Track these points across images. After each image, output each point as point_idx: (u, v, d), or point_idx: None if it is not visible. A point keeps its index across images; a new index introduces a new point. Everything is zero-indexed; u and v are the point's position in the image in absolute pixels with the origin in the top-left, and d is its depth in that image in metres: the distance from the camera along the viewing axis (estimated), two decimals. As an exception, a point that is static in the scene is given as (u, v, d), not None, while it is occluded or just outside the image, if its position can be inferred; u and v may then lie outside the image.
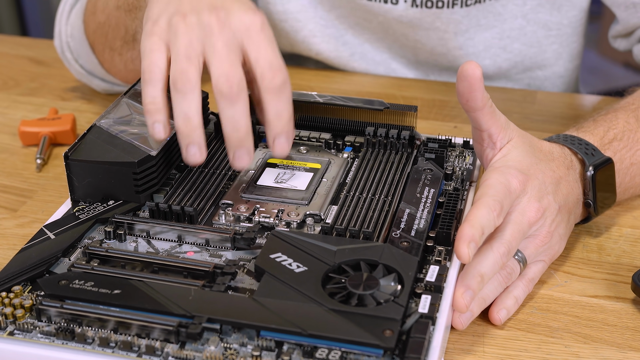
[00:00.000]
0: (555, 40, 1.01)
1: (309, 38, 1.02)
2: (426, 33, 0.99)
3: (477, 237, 0.59)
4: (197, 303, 0.57)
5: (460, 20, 0.97)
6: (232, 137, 0.64)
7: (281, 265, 0.60)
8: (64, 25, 0.94)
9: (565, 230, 0.69)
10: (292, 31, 1.02)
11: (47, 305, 0.58)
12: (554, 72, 1.04)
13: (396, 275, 0.59)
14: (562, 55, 1.03)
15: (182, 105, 0.63)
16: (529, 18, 0.99)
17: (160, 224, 0.66)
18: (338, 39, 1.03)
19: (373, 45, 1.03)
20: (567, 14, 0.99)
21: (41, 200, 0.80)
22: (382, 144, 0.75)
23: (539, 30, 1.00)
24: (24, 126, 0.88)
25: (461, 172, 0.74)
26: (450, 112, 0.94)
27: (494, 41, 1.00)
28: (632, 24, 0.92)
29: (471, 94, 0.63)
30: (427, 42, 1.00)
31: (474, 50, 1.00)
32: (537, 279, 0.67)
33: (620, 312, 0.65)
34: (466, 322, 0.62)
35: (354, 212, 0.67)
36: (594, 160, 0.69)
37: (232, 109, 0.63)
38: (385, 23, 0.99)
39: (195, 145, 0.64)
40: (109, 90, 0.97)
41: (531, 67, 1.03)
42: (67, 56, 0.95)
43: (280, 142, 0.65)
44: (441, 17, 0.97)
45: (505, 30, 0.99)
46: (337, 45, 1.03)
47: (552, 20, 0.99)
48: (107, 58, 0.91)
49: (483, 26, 0.98)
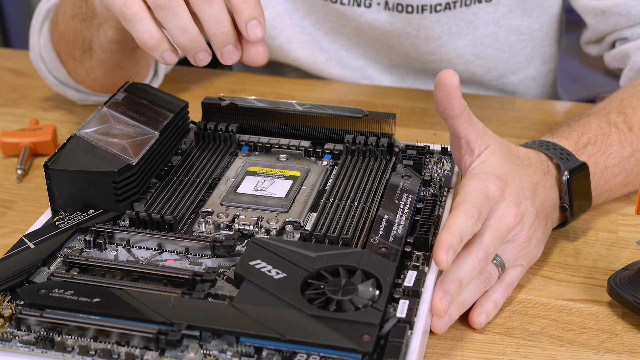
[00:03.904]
0: (527, 44, 1.02)
1: (285, 45, 1.03)
2: (398, 39, 0.99)
3: (455, 244, 0.59)
4: (177, 310, 0.58)
5: (430, 27, 0.98)
6: (217, 34, 0.65)
7: (260, 272, 0.60)
8: (37, 37, 0.94)
9: (543, 234, 0.69)
10: (268, 38, 1.03)
11: (27, 315, 0.58)
12: (526, 75, 1.05)
13: (374, 281, 0.60)
14: (534, 59, 1.04)
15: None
16: (500, 24, 1.00)
17: (141, 233, 0.66)
18: (314, 45, 1.03)
19: (349, 51, 1.04)
20: (537, 18, 1.00)
21: (22, 211, 0.80)
22: (361, 152, 0.76)
23: (510, 35, 1.01)
24: (5, 137, 0.89)
25: (439, 179, 0.74)
26: (430, 120, 0.95)
27: (467, 49, 1.01)
28: (602, 31, 0.93)
29: (449, 102, 0.64)
30: (400, 47, 1.01)
31: (447, 57, 1.01)
32: (515, 283, 0.68)
33: (597, 315, 0.66)
34: (445, 326, 0.63)
35: (333, 219, 0.67)
36: (569, 164, 0.70)
37: (211, 6, 0.64)
38: (359, 28, 1.00)
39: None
40: (84, 100, 0.97)
41: (504, 73, 1.04)
42: (41, 67, 0.95)
43: (253, 25, 0.66)
44: (412, 22, 0.97)
45: (478, 37, 1.00)
46: (313, 52, 1.03)
47: (523, 25, 1.00)
48: (71, 68, 0.91)
49: (455, 34, 0.99)
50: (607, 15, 0.91)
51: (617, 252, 0.73)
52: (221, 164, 0.76)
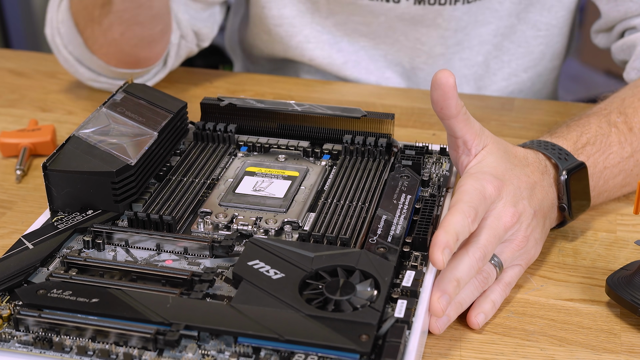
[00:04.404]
0: (542, 41, 1.03)
1: (303, 44, 1.03)
2: (427, 31, 1.00)
3: (451, 243, 0.60)
4: (175, 310, 0.58)
5: (460, 17, 0.99)
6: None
7: (259, 272, 0.61)
8: (55, 13, 0.95)
9: (541, 234, 0.69)
10: (286, 36, 1.03)
11: (25, 315, 0.58)
12: (535, 72, 1.06)
13: (372, 281, 0.60)
14: (546, 56, 1.05)
15: None
16: (520, 17, 1.01)
17: (139, 233, 0.66)
18: (332, 46, 1.03)
19: (368, 52, 1.04)
20: (556, 14, 1.01)
21: (21, 211, 0.80)
22: (360, 152, 0.76)
23: (528, 30, 1.02)
24: (4, 137, 0.89)
25: (438, 179, 0.74)
26: (429, 120, 0.95)
27: (488, 37, 1.02)
28: (612, 18, 0.94)
29: (445, 102, 0.64)
30: (427, 40, 1.01)
31: (469, 44, 1.02)
32: (513, 283, 0.68)
33: (595, 315, 0.66)
34: (443, 326, 0.63)
35: (331, 219, 0.68)
36: (567, 164, 0.70)
37: None
38: (386, 23, 1.00)
39: None
40: (94, 80, 0.97)
41: (517, 71, 1.05)
42: (57, 42, 0.96)
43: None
44: (443, 14, 0.98)
45: (500, 28, 1.01)
46: (330, 52, 1.04)
47: (541, 20, 1.01)
48: (89, 33, 0.92)
49: (480, 22, 1.00)
50: (619, 1, 0.92)
51: (616, 252, 0.73)
52: (220, 164, 0.76)
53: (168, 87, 1.02)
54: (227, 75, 1.10)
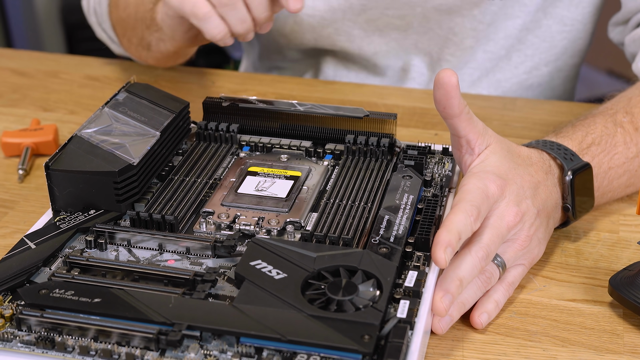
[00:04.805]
0: (567, 36, 1.04)
1: (333, 35, 1.04)
2: (462, 21, 1.00)
3: (453, 242, 0.59)
4: (177, 310, 0.58)
5: (496, 12, 1.00)
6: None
7: (261, 272, 0.60)
8: None
9: (544, 234, 0.69)
10: (318, 26, 1.04)
11: (27, 315, 0.58)
12: (555, 67, 1.06)
13: (375, 281, 0.60)
14: (568, 51, 1.05)
15: None
16: (547, 11, 1.01)
17: (141, 233, 0.66)
18: (363, 39, 1.04)
19: (400, 43, 1.04)
20: (583, 10, 1.02)
21: (23, 211, 0.80)
22: (362, 152, 0.76)
23: (554, 25, 1.02)
24: (6, 137, 0.89)
25: (440, 179, 0.74)
26: (432, 120, 0.95)
27: (514, 31, 1.02)
28: (630, 9, 0.94)
29: (448, 101, 0.64)
30: (459, 31, 1.01)
31: (495, 37, 1.02)
32: (517, 282, 0.68)
33: (598, 316, 0.66)
34: (446, 326, 0.63)
35: (333, 219, 0.67)
36: (572, 165, 0.70)
37: None
38: (421, 14, 1.00)
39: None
40: (124, 54, 1.04)
41: (538, 65, 1.05)
42: (92, 20, 1.02)
43: None
44: (480, 5, 0.99)
45: (526, 22, 1.01)
46: (361, 45, 1.05)
47: (568, 15, 1.02)
48: (124, 43, 0.99)
49: (509, 15, 1.01)
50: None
51: (619, 252, 0.73)
52: (222, 164, 0.76)
53: (170, 86, 1.02)
54: (230, 75, 1.10)
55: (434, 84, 0.63)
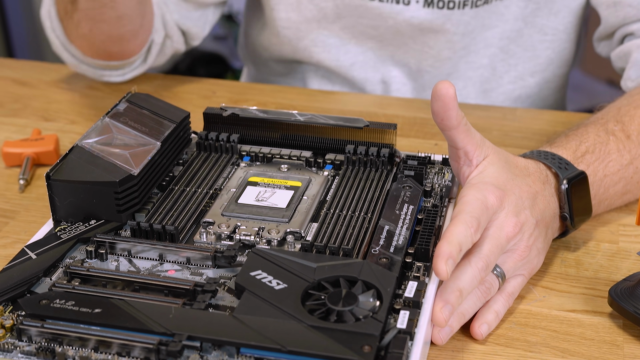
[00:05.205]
0: (549, 45, 1.03)
1: (310, 47, 1.04)
2: (435, 36, 1.00)
3: (454, 254, 0.60)
4: (178, 321, 0.58)
5: (468, 22, 0.99)
6: None
7: (261, 282, 0.61)
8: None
9: (544, 244, 0.69)
10: (294, 39, 1.04)
11: (28, 325, 0.58)
12: (543, 78, 1.06)
13: (375, 291, 0.60)
14: (554, 61, 1.05)
15: None
16: (527, 21, 1.01)
17: (142, 243, 0.66)
18: (340, 49, 1.04)
19: (375, 53, 1.04)
20: (563, 19, 1.02)
21: (24, 221, 0.80)
22: (362, 162, 0.76)
23: (534, 34, 1.02)
24: (7, 147, 0.89)
25: (440, 189, 0.74)
26: (432, 130, 0.95)
27: (494, 40, 1.02)
28: (611, 24, 0.94)
29: (446, 113, 0.64)
30: (434, 44, 1.01)
31: (475, 48, 1.02)
32: (517, 293, 0.68)
33: (598, 326, 0.66)
34: (445, 337, 0.63)
35: (334, 230, 0.68)
36: (567, 173, 0.70)
37: None
38: (394, 27, 1.00)
39: None
40: (77, 66, 1.01)
41: (523, 75, 1.05)
42: (47, 25, 1.00)
43: None
44: (452, 18, 0.99)
45: (506, 31, 1.02)
46: (338, 55, 1.05)
47: (548, 25, 1.02)
48: (65, 24, 0.97)
49: (486, 26, 1.01)
50: (619, 6, 0.92)
51: (618, 262, 0.73)
52: (223, 174, 0.76)
53: (171, 96, 1.02)
54: (230, 85, 1.10)
55: (432, 96, 0.63)
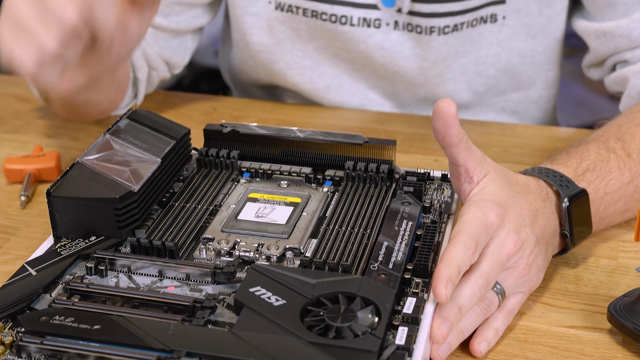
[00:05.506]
0: (529, 66, 1.03)
1: (284, 70, 1.04)
2: (406, 61, 1.00)
3: (454, 276, 0.60)
4: (177, 337, 0.58)
5: (438, 49, 0.98)
6: None
7: (260, 298, 0.61)
8: None
9: (544, 261, 0.69)
10: (268, 62, 1.04)
11: (27, 342, 0.58)
12: (527, 96, 1.06)
13: (374, 308, 0.60)
14: (536, 82, 1.05)
15: None
16: (504, 45, 1.00)
17: (142, 259, 0.66)
18: (314, 71, 1.04)
19: (350, 75, 1.04)
20: (541, 42, 1.01)
21: (25, 237, 0.80)
22: (362, 178, 0.76)
23: (513, 57, 1.01)
24: (9, 163, 0.89)
25: (439, 205, 0.74)
26: (432, 146, 0.96)
27: (469, 66, 1.01)
28: (603, 54, 0.94)
29: (447, 131, 0.64)
30: (406, 72, 1.01)
31: (451, 76, 1.01)
32: (516, 310, 0.68)
33: (597, 343, 0.66)
34: (444, 354, 0.63)
35: (333, 246, 0.68)
36: (568, 191, 0.71)
37: None
38: (366, 51, 1.00)
39: None
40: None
41: (505, 90, 1.05)
42: None
43: None
44: (421, 42, 0.98)
45: (481, 57, 1.01)
46: (312, 77, 1.04)
47: (526, 47, 1.01)
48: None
49: (460, 53, 1.00)
50: (609, 37, 0.92)
51: (618, 278, 0.73)
52: (222, 191, 0.76)
53: (172, 113, 1.03)
54: (231, 101, 1.10)
55: (433, 114, 0.64)
